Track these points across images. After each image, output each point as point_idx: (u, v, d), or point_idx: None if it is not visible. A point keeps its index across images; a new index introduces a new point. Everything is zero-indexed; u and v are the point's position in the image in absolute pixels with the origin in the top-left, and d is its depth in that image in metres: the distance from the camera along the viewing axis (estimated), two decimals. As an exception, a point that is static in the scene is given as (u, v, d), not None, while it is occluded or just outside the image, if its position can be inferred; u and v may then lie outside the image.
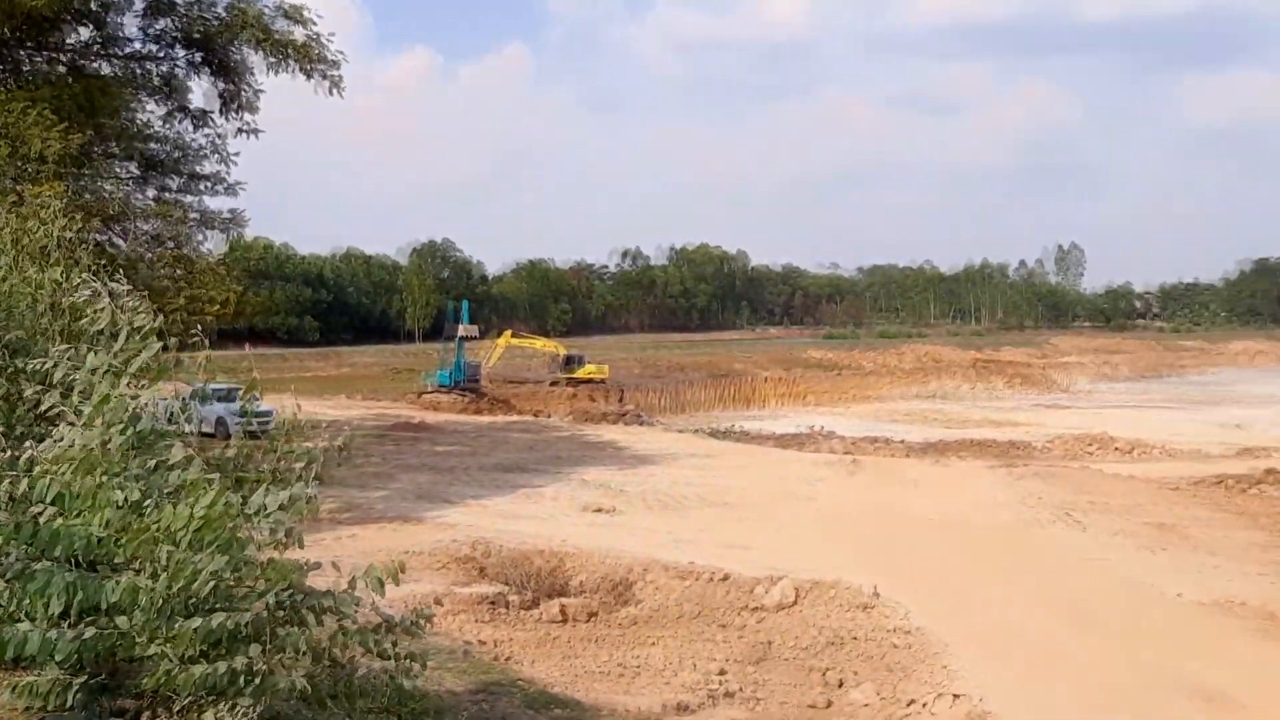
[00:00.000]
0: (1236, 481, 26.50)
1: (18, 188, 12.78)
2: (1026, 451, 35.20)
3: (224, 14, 21.59)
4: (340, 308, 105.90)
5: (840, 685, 10.44)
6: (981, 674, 10.54)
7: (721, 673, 10.71)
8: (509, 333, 58.16)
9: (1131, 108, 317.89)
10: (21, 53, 20.97)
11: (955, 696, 9.77)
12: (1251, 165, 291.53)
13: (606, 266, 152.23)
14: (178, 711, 3.84)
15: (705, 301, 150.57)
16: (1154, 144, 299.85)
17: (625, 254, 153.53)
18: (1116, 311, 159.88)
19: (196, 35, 21.81)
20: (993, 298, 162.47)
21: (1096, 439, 37.31)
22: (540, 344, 59.00)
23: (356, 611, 4.02)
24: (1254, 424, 49.41)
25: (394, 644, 4.08)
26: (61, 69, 21.54)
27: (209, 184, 23.39)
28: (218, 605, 3.79)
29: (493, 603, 12.87)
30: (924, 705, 9.68)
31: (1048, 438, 39.03)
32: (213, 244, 24.18)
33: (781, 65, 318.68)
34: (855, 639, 11.80)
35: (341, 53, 22.00)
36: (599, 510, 20.69)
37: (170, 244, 22.24)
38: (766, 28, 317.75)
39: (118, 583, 3.75)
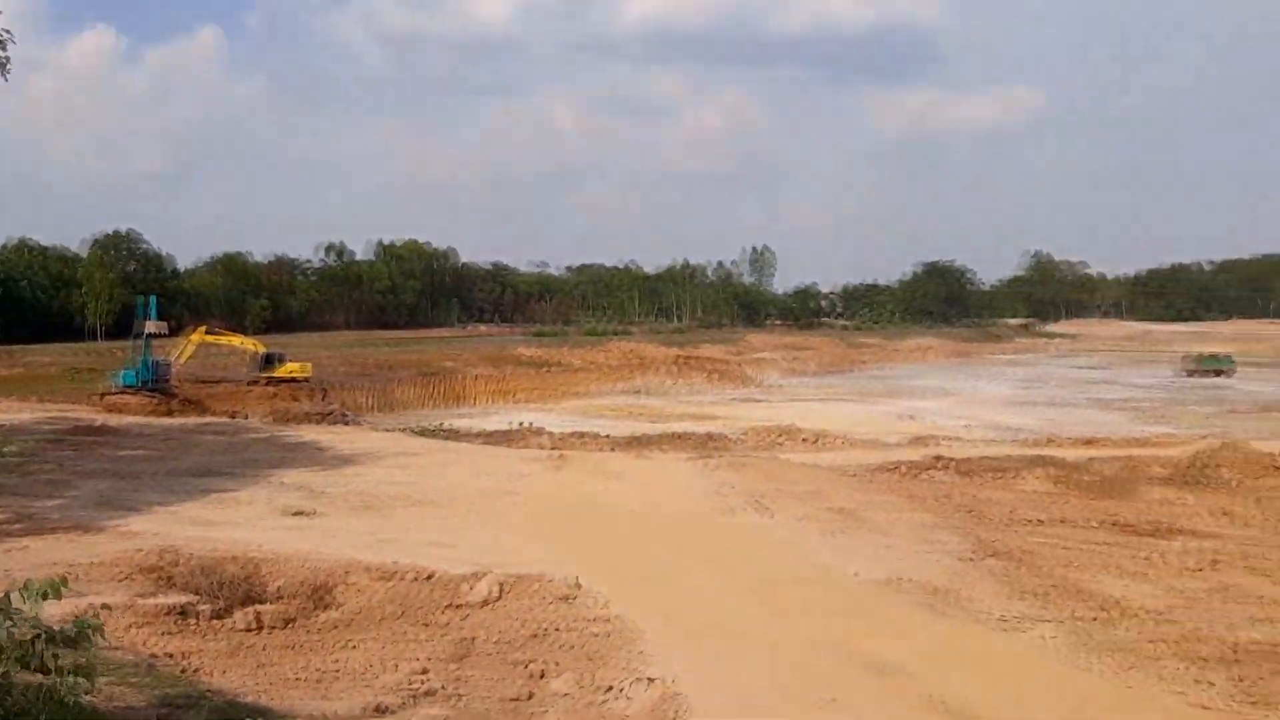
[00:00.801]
0: (909, 468, 28.71)
1: None
2: (722, 443, 36.69)
3: None
4: (12, 303, 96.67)
5: (542, 676, 10.61)
6: (676, 657, 10.98)
7: (423, 672, 10.66)
8: (202, 328, 55.11)
9: (818, 118, 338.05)
10: None
11: (650, 680, 10.15)
12: (924, 175, 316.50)
13: (310, 261, 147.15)
14: None
15: (414, 298, 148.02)
16: (839, 153, 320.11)
17: (330, 249, 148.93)
18: (805, 310, 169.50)
19: None
20: (693, 297, 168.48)
21: (785, 430, 39.41)
22: (237, 341, 56.21)
23: (11, 626, 3.74)
24: (925, 415, 53.74)
25: (55, 658, 3.82)
26: None
27: None
28: None
29: (181, 613, 12.25)
30: (620, 691, 10.00)
31: (741, 430, 40.83)
32: None
33: (490, 63, 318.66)
34: (557, 630, 12.02)
35: (8, 32, 20.24)
36: (298, 513, 20.03)
37: None
38: (473, 24, 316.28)
39: None
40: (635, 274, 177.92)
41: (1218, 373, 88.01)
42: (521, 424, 43.03)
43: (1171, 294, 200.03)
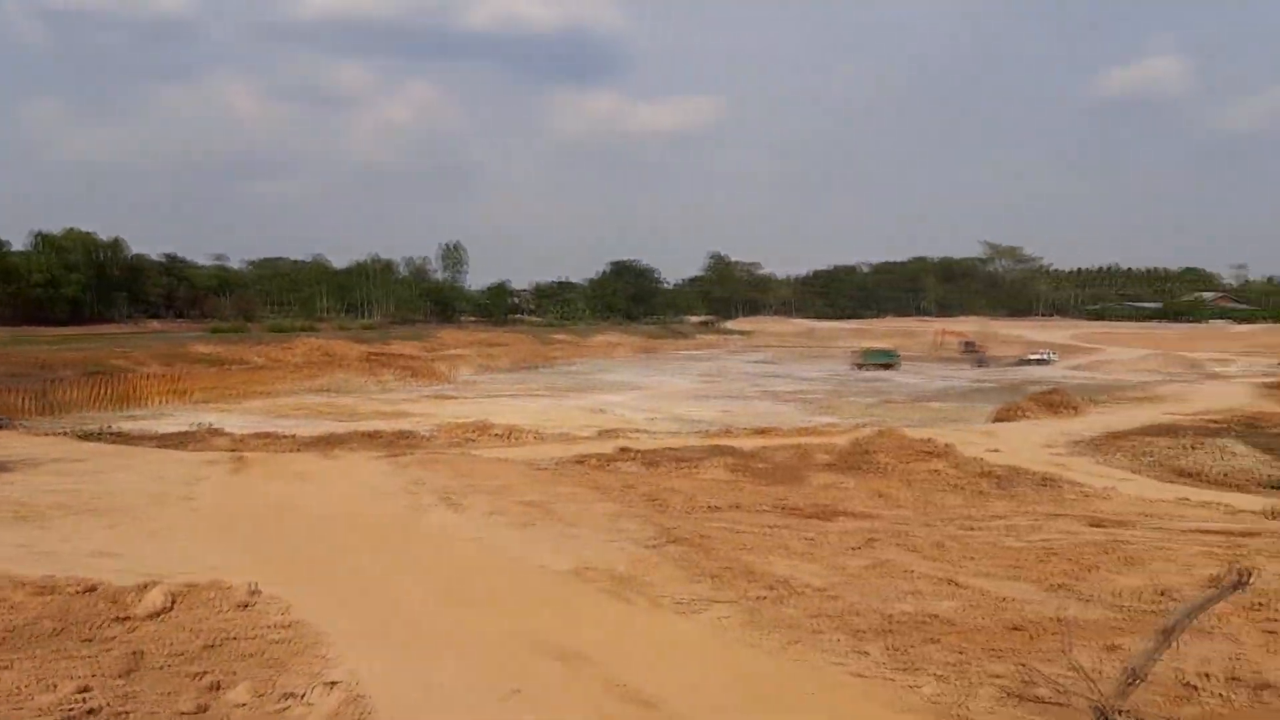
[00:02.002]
0: (597, 460, 29.45)
1: None
2: (413, 441, 36.35)
3: None
4: None
5: (217, 688, 10.16)
6: (361, 658, 10.82)
7: (85, 690, 9.96)
8: None
9: (510, 116, 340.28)
10: None
11: (332, 684, 9.96)
12: (613, 176, 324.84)
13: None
14: None
15: (76, 292, 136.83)
16: (531, 152, 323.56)
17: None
18: (498, 307, 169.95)
19: None
20: (385, 293, 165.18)
21: (477, 426, 39.55)
22: None
23: None
24: (613, 408, 55.44)
25: None
26: None
27: None
28: None
29: None
30: (301, 697, 9.74)
31: (434, 427, 40.66)
32: None
33: (166, 45, 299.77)
34: (233, 639, 11.55)
35: None
36: (-65, 527, 18.24)
37: None
38: (145, 3, 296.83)
39: None
40: (323, 269, 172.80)
41: (885, 366, 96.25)
42: (199, 425, 41.02)
43: (835, 293, 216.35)
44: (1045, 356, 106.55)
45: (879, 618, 12.73)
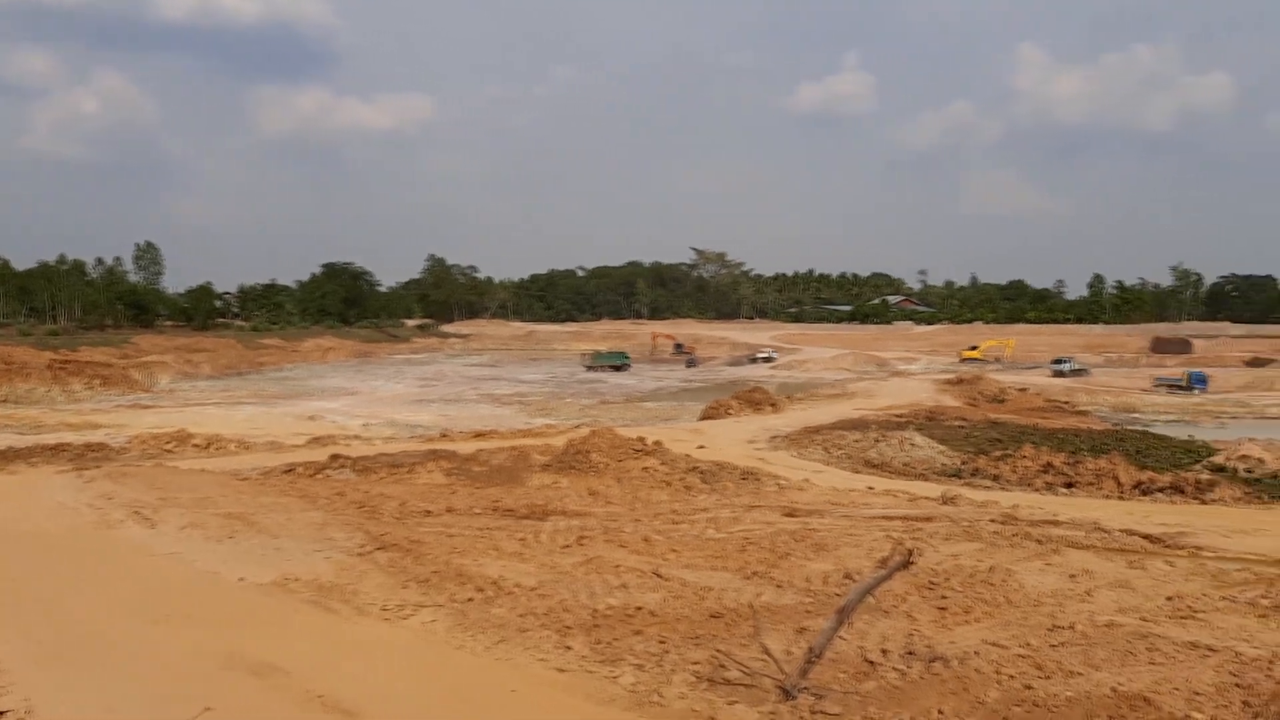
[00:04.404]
0: (306, 468, 28.58)
1: None
2: (104, 453, 34.15)
3: None
4: None
5: None
6: (36, 683, 10.09)
7: None
8: None
9: (210, 111, 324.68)
10: None
11: (1, 713, 9.25)
12: (323, 176, 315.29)
13: None
14: None
15: None
16: (233, 148, 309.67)
17: None
18: (199, 310, 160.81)
19: None
20: (72, 295, 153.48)
21: (175, 436, 37.59)
22: None
23: None
24: (327, 415, 53.94)
25: None
26: None
27: None
28: None
29: None
30: (-38, 730, 9.01)
31: (127, 438, 38.40)
32: None
33: None
34: (-115, 675, 10.50)
35: None
36: None
37: None
38: None
39: None
40: (2, 269, 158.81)
41: (616, 368, 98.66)
42: None
43: (553, 297, 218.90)
44: (770, 355, 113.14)
45: (587, 613, 12.97)
